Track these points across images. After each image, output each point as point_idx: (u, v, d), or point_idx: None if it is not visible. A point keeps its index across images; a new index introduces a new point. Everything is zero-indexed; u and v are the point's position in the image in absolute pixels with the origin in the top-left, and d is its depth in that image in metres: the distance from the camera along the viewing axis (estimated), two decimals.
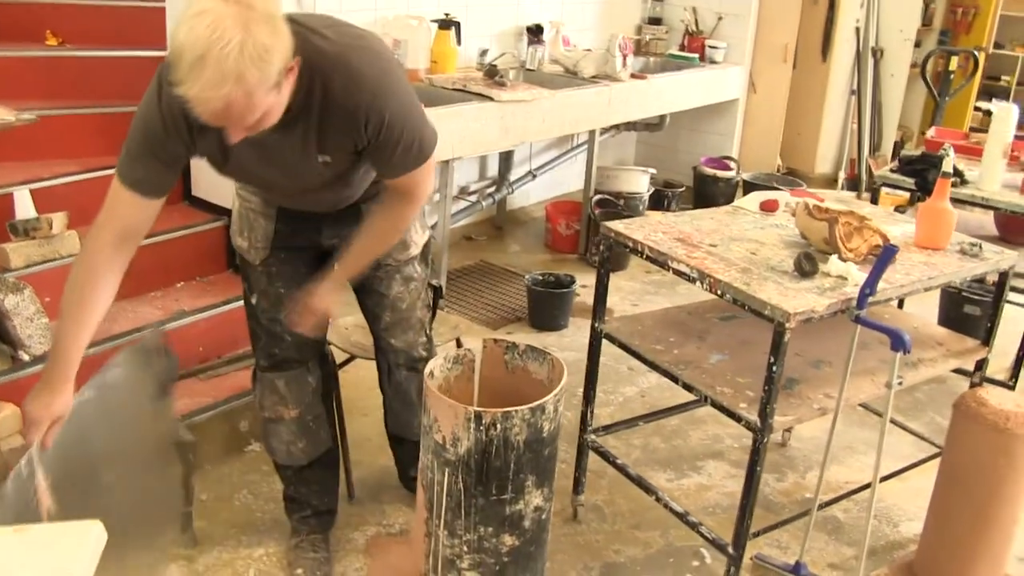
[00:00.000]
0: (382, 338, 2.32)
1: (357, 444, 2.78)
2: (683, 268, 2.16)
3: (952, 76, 4.53)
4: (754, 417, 2.03)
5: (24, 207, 2.79)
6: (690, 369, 2.25)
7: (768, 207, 2.60)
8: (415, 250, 2.25)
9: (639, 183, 4.85)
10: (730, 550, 2.13)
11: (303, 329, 2.05)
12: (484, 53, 4.28)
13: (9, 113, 2.66)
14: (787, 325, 1.92)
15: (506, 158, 4.74)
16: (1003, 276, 2.43)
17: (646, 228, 2.37)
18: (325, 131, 1.76)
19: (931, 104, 5.78)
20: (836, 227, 2.20)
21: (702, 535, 2.24)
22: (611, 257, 2.42)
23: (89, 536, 1.33)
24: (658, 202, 5.17)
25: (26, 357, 2.53)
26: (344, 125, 1.75)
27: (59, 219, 2.79)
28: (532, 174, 4.94)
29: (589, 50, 4.64)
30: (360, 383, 3.02)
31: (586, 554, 2.49)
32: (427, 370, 2.08)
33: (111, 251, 1.74)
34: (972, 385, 2.53)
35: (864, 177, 5.71)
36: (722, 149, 5.60)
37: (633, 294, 4.30)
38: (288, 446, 2.30)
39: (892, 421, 2.92)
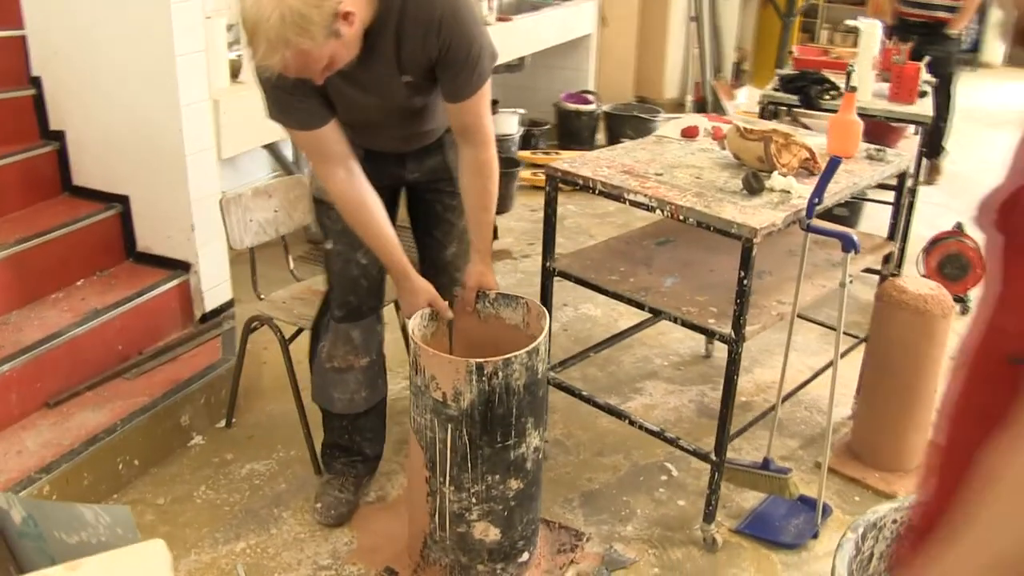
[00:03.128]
0: (445, 272, 2.34)
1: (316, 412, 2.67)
2: (641, 199, 2.22)
3: None
4: (727, 330, 2.15)
5: None
6: (651, 294, 2.34)
7: (689, 133, 2.71)
8: None
9: (510, 124, 4.89)
10: (713, 457, 2.27)
11: (470, 308, 2.19)
12: None
13: None
14: (754, 240, 2.04)
15: None
16: (902, 176, 2.68)
17: (590, 164, 2.42)
18: (403, 50, 1.90)
19: (765, 26, 6.13)
20: (770, 145, 2.33)
21: (682, 448, 2.36)
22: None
23: (158, 556, 1.26)
24: (526, 142, 5.24)
25: None
26: (420, 40, 1.88)
27: None
28: None
29: None
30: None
31: (563, 487, 2.57)
32: (410, 330, 2.06)
33: (343, 171, 2.00)
34: (883, 277, 2.77)
35: (709, 99, 6.01)
36: (578, 84, 5.71)
37: (526, 234, 4.36)
38: (352, 395, 2.36)
39: (806, 319, 3.17)
